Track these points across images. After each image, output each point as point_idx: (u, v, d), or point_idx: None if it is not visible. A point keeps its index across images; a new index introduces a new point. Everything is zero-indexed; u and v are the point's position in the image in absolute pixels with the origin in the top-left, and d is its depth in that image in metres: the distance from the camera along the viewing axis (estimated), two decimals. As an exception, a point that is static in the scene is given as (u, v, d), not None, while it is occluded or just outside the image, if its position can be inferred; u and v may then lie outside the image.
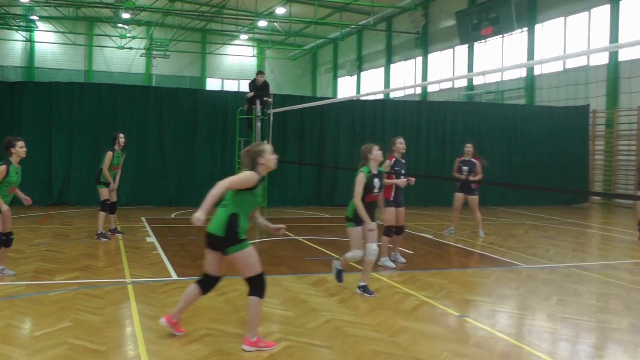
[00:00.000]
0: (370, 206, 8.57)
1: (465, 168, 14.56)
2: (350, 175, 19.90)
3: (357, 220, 8.49)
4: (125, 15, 46.27)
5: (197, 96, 20.92)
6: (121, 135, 13.23)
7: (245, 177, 6.12)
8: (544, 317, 7.74)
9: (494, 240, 14.06)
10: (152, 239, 13.26)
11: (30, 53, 50.27)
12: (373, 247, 8.54)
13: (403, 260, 11.00)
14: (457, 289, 9.12)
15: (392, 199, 10.84)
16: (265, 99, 17.30)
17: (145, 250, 11.85)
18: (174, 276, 9.55)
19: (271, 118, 16.81)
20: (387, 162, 10.88)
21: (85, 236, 13.34)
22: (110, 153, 12.91)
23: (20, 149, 9.07)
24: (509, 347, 6.57)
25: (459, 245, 13.38)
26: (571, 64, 26.75)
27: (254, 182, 6.13)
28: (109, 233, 13.27)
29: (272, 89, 18.69)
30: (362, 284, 8.68)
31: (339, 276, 8.86)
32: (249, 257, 6.19)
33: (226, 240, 6.11)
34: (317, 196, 20.79)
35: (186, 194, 19.87)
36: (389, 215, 10.80)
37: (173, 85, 28.39)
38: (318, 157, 21.00)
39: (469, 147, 14.74)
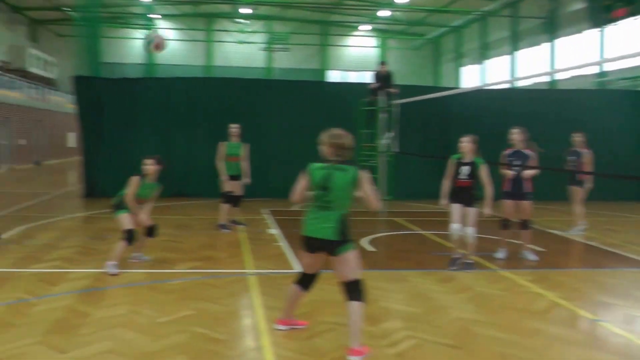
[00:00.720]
0: (458, 191, 9.74)
1: (572, 158, 13.98)
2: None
3: (452, 198, 9.78)
4: (245, 10, 47.06)
5: (319, 88, 20.99)
6: (231, 125, 13.27)
7: (370, 178, 6.05)
8: (689, 323, 7.28)
9: (630, 239, 13.33)
10: (274, 230, 13.44)
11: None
12: (453, 226, 9.71)
13: (533, 257, 10.62)
14: (591, 290, 8.73)
15: (509, 190, 10.60)
16: (388, 90, 17.10)
17: (267, 241, 12.03)
18: (296, 268, 9.58)
19: (395, 109, 16.58)
20: (504, 152, 10.81)
21: (206, 227, 13.67)
22: (221, 144, 13.08)
23: (149, 167, 9.81)
24: (652, 354, 6.20)
25: (591, 243, 12.77)
26: None
27: None
28: (230, 224, 13.45)
29: (395, 80, 18.40)
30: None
31: (468, 267, 9.77)
32: (357, 258, 6.09)
33: (340, 242, 5.96)
34: (439, 188, 20.19)
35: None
36: (506, 207, 10.68)
37: (293, 78, 28.60)
38: (442, 149, 20.47)
39: (577, 137, 14.10)
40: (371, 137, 17.67)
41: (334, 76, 54.55)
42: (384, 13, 45.98)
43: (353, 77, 52.57)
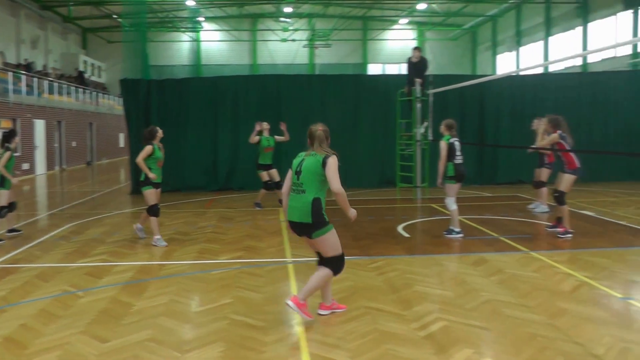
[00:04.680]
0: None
1: None
2: (510, 153, 19.48)
3: (456, 177, 11.04)
4: (287, 9, 48.12)
5: (358, 81, 21.45)
6: (264, 123, 15.39)
7: (336, 164, 6.45)
8: None
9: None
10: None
11: (197, 52, 54.16)
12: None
13: None
14: (620, 268, 8.78)
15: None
16: (422, 77, 17.02)
17: (307, 230, 12.25)
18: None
19: (430, 98, 16.71)
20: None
21: (249, 219, 14.07)
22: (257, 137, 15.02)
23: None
24: (681, 333, 6.21)
25: (622, 222, 12.72)
26: None
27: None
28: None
29: (433, 70, 18.47)
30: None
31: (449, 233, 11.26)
32: (333, 238, 6.54)
33: (314, 225, 6.36)
34: (479, 175, 20.52)
35: (349, 176, 20.18)
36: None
37: (336, 73, 29.03)
38: (478, 136, 20.75)
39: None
40: (408, 127, 17.86)
41: (374, 69, 54.86)
42: (421, 6, 46.09)
43: (393, 70, 52.73)
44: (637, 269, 8.89)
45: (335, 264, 6.54)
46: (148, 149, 10.75)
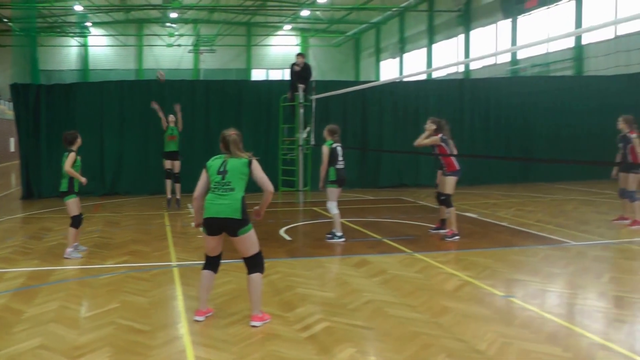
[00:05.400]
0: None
1: (620, 145, 13.20)
2: (393, 157, 19.86)
3: (337, 182, 11.00)
4: (173, 15, 48.60)
5: (242, 87, 21.29)
6: (170, 115, 16.05)
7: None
8: (596, 296, 7.51)
9: (541, 218, 13.69)
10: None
11: (84, 57, 53.92)
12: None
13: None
14: (502, 268, 8.89)
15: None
16: (305, 82, 16.97)
17: (190, 235, 12.07)
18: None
19: (313, 104, 16.69)
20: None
21: (135, 223, 13.80)
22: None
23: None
24: (558, 327, 6.32)
25: (503, 223, 13.00)
26: (623, 30, 25.78)
27: None
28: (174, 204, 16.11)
29: (316, 76, 18.49)
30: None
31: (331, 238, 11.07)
32: (254, 236, 6.61)
33: (243, 221, 6.42)
34: (361, 179, 20.67)
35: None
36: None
37: (220, 78, 28.77)
38: (361, 140, 20.89)
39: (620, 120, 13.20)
40: (291, 132, 17.80)
41: (258, 75, 55.15)
42: (305, 13, 46.46)
43: (277, 75, 53.08)
44: (517, 268, 8.99)
45: (259, 261, 6.60)
46: (73, 156, 10.18)
